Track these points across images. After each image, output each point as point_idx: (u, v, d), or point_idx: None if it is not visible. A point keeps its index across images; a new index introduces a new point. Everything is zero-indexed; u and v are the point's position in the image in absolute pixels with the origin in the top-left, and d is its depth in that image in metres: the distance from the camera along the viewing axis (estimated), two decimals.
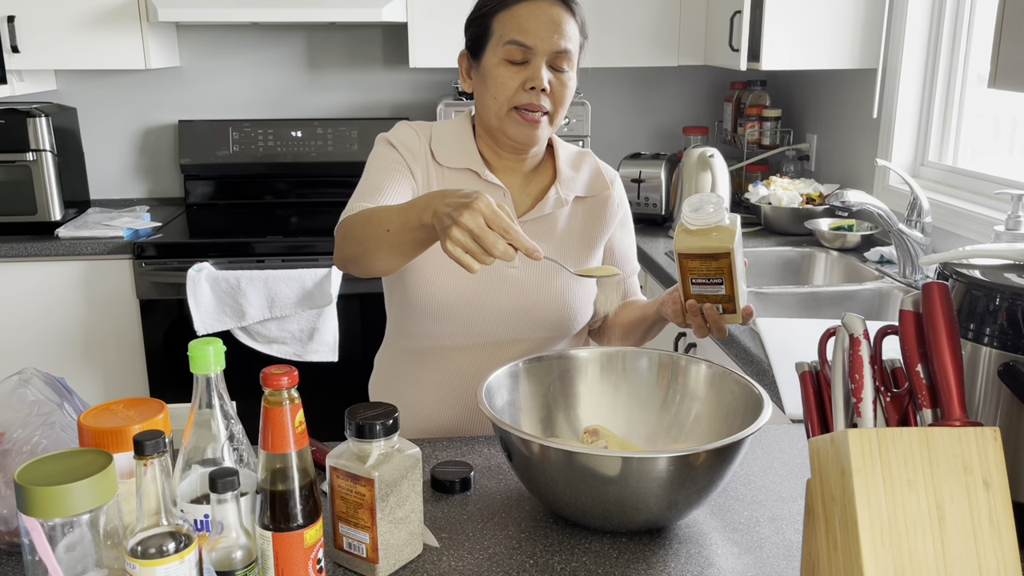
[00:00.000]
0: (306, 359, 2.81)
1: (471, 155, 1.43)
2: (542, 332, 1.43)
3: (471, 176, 1.42)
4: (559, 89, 1.36)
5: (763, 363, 1.71)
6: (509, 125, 1.37)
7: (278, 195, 3.38)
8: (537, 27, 1.32)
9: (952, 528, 0.78)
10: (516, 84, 1.34)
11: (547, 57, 1.33)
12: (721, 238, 1.16)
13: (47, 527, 0.78)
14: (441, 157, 1.42)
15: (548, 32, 1.32)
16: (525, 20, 1.33)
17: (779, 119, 3.22)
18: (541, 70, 1.33)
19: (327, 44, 3.37)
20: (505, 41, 1.33)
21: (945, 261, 1.11)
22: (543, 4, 1.33)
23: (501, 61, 1.34)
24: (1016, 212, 1.95)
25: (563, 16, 1.34)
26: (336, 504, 0.99)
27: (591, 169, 1.51)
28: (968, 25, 2.45)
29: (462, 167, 1.42)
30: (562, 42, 1.33)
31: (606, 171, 1.53)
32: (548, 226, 1.44)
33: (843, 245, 2.56)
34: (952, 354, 0.86)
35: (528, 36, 1.32)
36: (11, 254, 2.81)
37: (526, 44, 1.32)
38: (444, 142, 1.44)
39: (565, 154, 1.49)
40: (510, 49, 1.33)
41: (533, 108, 1.35)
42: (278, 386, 0.87)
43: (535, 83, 1.33)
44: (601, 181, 1.50)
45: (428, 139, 1.44)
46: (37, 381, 1.10)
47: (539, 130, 1.37)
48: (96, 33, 2.92)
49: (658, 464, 0.98)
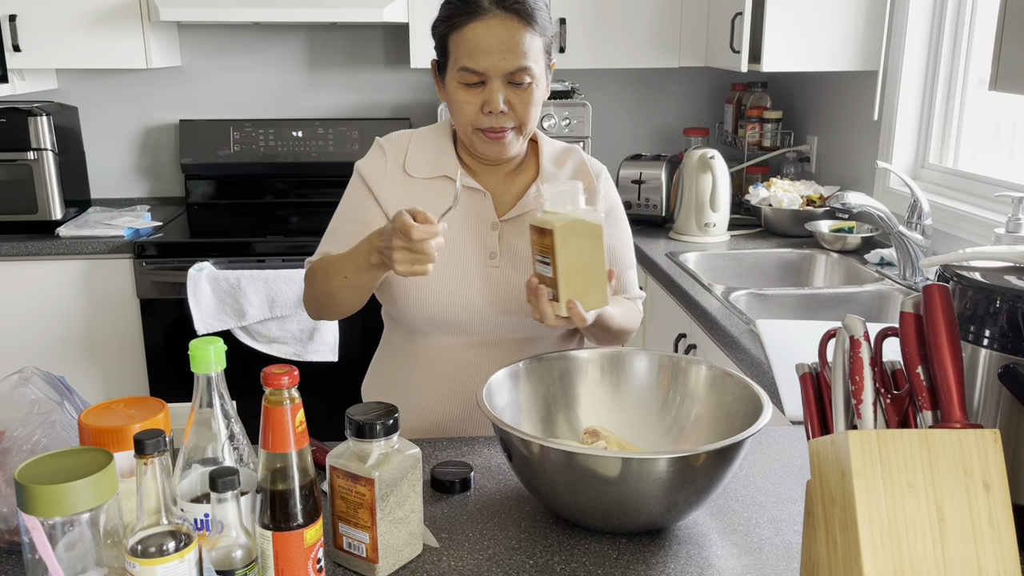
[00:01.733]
0: (306, 359, 2.81)
1: (449, 162, 1.43)
2: (530, 327, 1.42)
3: (446, 183, 1.43)
4: (521, 105, 1.33)
5: (763, 364, 1.71)
6: (477, 143, 1.38)
7: (279, 195, 3.38)
8: (488, 50, 1.29)
9: (952, 530, 0.78)
10: (475, 108, 1.33)
11: (502, 78, 1.31)
12: (549, 218, 1.22)
13: (47, 526, 0.78)
14: (414, 170, 1.43)
15: (499, 54, 1.29)
16: (475, 43, 1.30)
17: (780, 121, 3.22)
18: (497, 93, 1.31)
19: (328, 44, 3.37)
20: (459, 67, 1.32)
21: (945, 263, 1.11)
22: (492, 22, 1.30)
23: (458, 85, 1.33)
24: (1016, 215, 1.95)
25: (516, 31, 1.30)
26: (336, 504, 0.99)
27: (576, 163, 1.49)
28: (969, 27, 2.45)
29: (437, 175, 1.43)
30: (516, 61, 1.30)
31: (591, 164, 1.51)
32: (527, 223, 1.44)
33: (843, 247, 2.57)
34: (952, 356, 0.86)
35: (479, 61, 1.30)
36: (12, 253, 2.81)
37: (477, 70, 1.30)
38: (422, 152, 1.45)
39: (549, 151, 1.48)
40: (464, 74, 1.32)
41: (495, 130, 1.35)
42: (279, 385, 0.87)
43: (492, 108, 1.32)
44: (585, 175, 1.49)
45: (403, 153, 1.45)
46: (37, 380, 1.10)
47: (506, 146, 1.37)
48: (97, 32, 2.92)
49: (658, 465, 0.98)
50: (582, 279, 1.22)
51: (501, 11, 1.30)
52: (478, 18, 1.30)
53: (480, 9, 1.30)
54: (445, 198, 1.41)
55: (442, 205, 1.39)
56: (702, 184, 2.74)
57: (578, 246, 1.21)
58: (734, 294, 2.15)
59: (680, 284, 2.30)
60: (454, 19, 1.32)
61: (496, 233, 1.43)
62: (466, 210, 1.43)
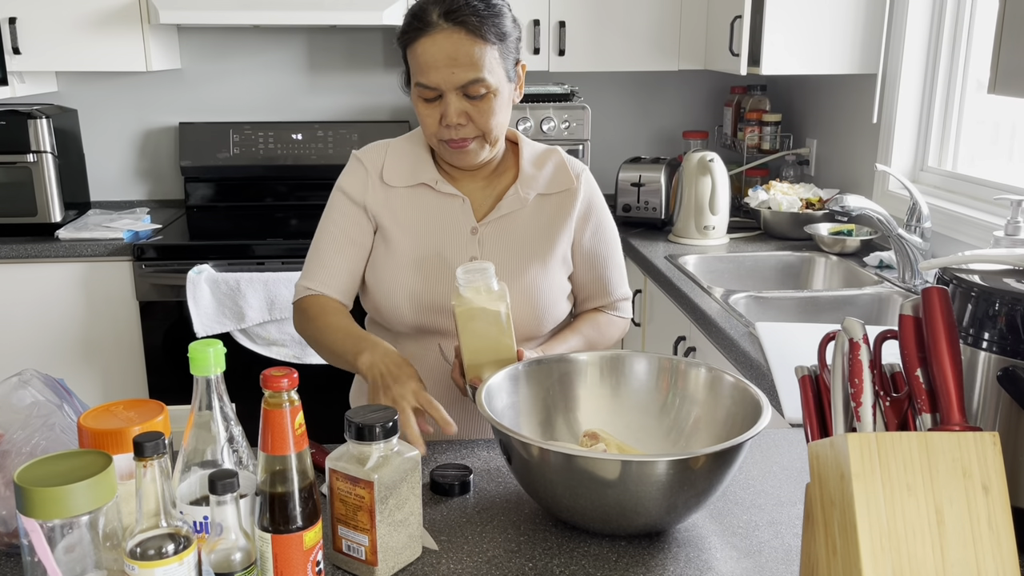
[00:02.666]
0: (305, 361, 2.81)
1: (426, 169, 1.44)
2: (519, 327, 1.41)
3: (425, 190, 1.44)
4: (479, 116, 1.34)
5: (762, 367, 1.71)
6: (444, 153, 1.40)
7: (278, 197, 3.38)
8: (436, 65, 1.30)
9: (951, 533, 0.78)
10: (435, 121, 1.35)
11: (455, 90, 1.31)
12: (455, 302, 1.25)
13: (46, 528, 0.78)
14: (392, 179, 1.44)
15: (447, 69, 1.30)
16: (425, 59, 1.30)
17: (779, 124, 3.22)
18: (451, 107, 1.32)
19: (328, 47, 3.38)
20: (415, 82, 1.34)
21: (944, 266, 1.11)
22: (438, 37, 1.29)
23: (418, 99, 1.35)
24: (1015, 217, 1.95)
25: (463, 44, 1.29)
26: (335, 506, 0.99)
27: (556, 165, 1.48)
28: (968, 30, 2.45)
29: (414, 183, 1.44)
30: (466, 74, 1.30)
31: (572, 166, 1.49)
32: (507, 226, 1.45)
33: (842, 250, 2.57)
34: (951, 359, 0.86)
35: (429, 77, 1.31)
36: (11, 255, 2.81)
37: (429, 85, 1.31)
38: (399, 161, 1.46)
39: (530, 153, 1.48)
40: (420, 89, 1.33)
41: (456, 141, 1.36)
42: (278, 388, 0.87)
43: (448, 121, 1.33)
44: (565, 176, 1.47)
45: (381, 164, 1.46)
46: (37, 382, 1.10)
47: (471, 154, 1.38)
48: (97, 35, 2.92)
49: (657, 468, 0.98)
50: (487, 358, 1.26)
51: (449, 24, 1.29)
52: (426, 33, 1.30)
53: (428, 24, 1.30)
54: (423, 206, 1.43)
55: (420, 213, 1.43)
56: (701, 187, 2.74)
57: (480, 330, 1.24)
58: (733, 297, 2.15)
59: (679, 287, 2.30)
60: (408, 34, 1.33)
61: (476, 238, 1.43)
62: (445, 216, 1.43)
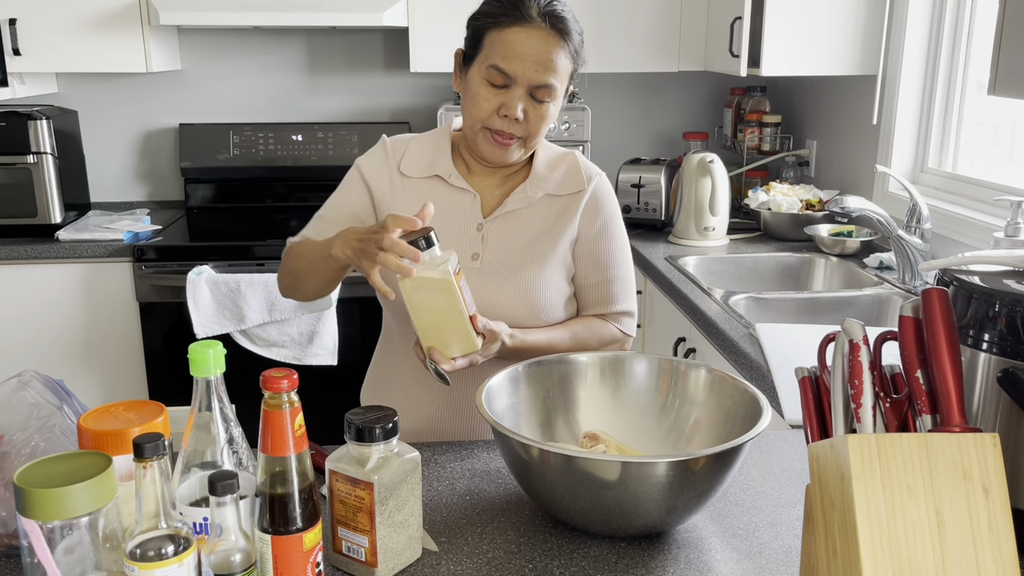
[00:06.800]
0: (305, 363, 2.81)
1: (443, 162, 1.45)
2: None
3: (438, 183, 1.45)
4: (535, 120, 1.35)
5: (762, 368, 1.71)
6: (481, 142, 1.39)
7: (278, 199, 3.38)
8: (523, 57, 1.30)
9: (951, 534, 0.78)
10: (492, 107, 1.34)
11: (527, 87, 1.32)
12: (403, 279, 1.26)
13: (46, 529, 0.78)
14: (409, 170, 1.45)
15: (533, 64, 1.30)
16: (512, 47, 1.31)
17: (779, 125, 3.22)
18: (517, 100, 1.32)
19: (328, 48, 3.38)
20: (489, 63, 1.32)
21: (944, 267, 1.11)
22: (535, 32, 1.31)
23: (482, 80, 1.34)
24: (1015, 219, 1.95)
25: (554, 48, 1.31)
26: (335, 508, 0.99)
27: (569, 167, 1.48)
28: (968, 32, 2.45)
29: (429, 175, 1.45)
30: (545, 77, 1.31)
31: (586, 169, 1.48)
32: (511, 224, 1.44)
33: (842, 251, 2.57)
34: (952, 360, 0.86)
35: (511, 64, 1.31)
36: (11, 256, 2.81)
37: (507, 72, 1.31)
38: (419, 153, 1.46)
39: (545, 155, 1.48)
40: (492, 72, 1.32)
41: (503, 135, 1.36)
42: (278, 389, 0.87)
43: (509, 112, 1.33)
44: (577, 178, 1.46)
45: (402, 153, 1.47)
46: (36, 384, 1.10)
47: (509, 153, 1.39)
48: (97, 36, 2.92)
49: (657, 469, 0.98)
50: (441, 329, 1.25)
51: (546, 25, 1.31)
52: (523, 24, 1.31)
53: (528, 16, 1.31)
54: (433, 199, 1.43)
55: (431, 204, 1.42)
56: (701, 188, 2.74)
57: (427, 300, 1.23)
58: (733, 298, 2.15)
59: (679, 288, 2.30)
60: (499, 17, 1.32)
61: (481, 234, 1.43)
62: (454, 211, 1.44)
